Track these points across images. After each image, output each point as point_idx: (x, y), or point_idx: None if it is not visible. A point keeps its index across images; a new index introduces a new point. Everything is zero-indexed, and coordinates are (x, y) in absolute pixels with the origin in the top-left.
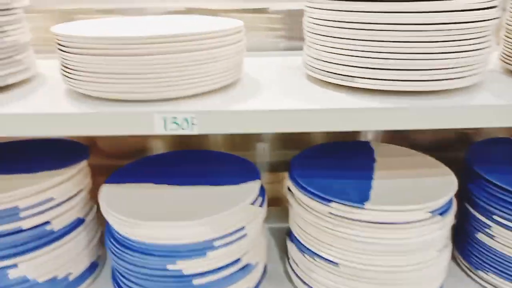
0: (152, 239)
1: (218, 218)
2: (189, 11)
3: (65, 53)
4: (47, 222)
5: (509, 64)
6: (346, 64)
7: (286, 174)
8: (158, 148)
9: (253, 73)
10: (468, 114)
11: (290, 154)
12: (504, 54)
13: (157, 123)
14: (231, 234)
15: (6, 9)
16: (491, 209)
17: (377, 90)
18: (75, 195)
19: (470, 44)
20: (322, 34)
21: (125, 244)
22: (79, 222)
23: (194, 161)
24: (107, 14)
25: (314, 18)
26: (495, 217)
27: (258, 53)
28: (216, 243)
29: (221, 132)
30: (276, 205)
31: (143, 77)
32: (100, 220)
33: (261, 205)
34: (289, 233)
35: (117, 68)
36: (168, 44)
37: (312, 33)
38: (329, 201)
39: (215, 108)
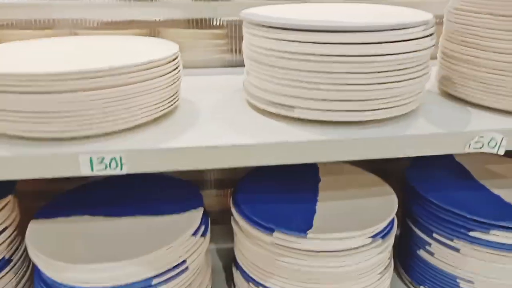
0: (82, 283)
1: (155, 256)
2: (128, 24)
3: None
4: None
5: (445, 85)
6: (284, 94)
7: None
8: None
9: (192, 96)
10: (403, 143)
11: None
12: (440, 76)
13: (83, 165)
14: (170, 270)
15: None
16: (431, 227)
17: (316, 120)
18: None
19: (405, 74)
20: (260, 62)
21: None
22: (5, 262)
23: (134, 185)
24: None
25: (253, 45)
26: (434, 235)
27: (199, 70)
28: (155, 281)
29: (153, 171)
30: (225, 222)
31: (64, 115)
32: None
33: (203, 235)
34: (234, 260)
35: (35, 106)
36: (88, 80)
37: (251, 60)
38: (272, 230)
39: (145, 146)
